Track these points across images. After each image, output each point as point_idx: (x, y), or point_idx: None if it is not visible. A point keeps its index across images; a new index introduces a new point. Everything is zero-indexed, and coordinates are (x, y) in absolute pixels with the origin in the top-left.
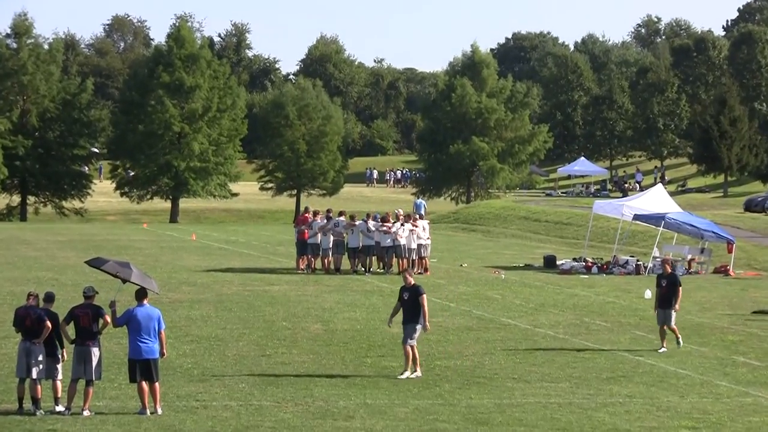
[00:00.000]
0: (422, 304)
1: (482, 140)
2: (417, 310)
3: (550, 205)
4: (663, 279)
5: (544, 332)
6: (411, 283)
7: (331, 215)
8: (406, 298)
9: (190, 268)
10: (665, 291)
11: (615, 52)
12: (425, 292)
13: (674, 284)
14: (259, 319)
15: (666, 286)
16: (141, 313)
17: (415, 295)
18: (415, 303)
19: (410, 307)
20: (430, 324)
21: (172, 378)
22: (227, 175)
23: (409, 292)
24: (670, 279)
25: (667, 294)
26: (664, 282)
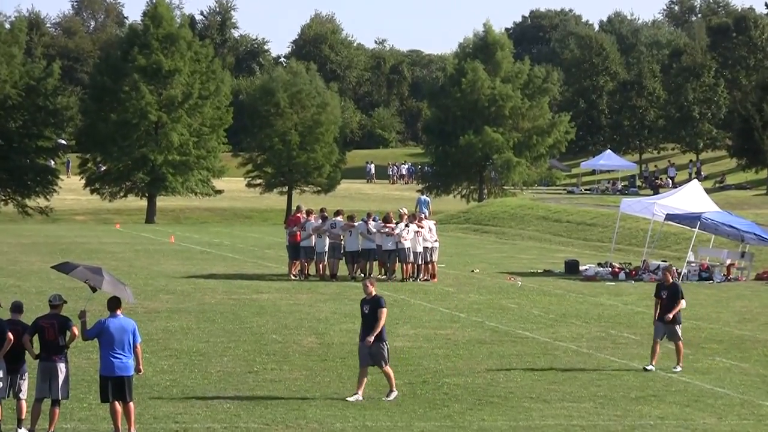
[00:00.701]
0: (378, 318)
1: (496, 131)
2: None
3: (572, 204)
4: (663, 290)
5: (565, 346)
6: (372, 294)
7: (326, 215)
8: (366, 312)
9: (169, 274)
10: (666, 303)
11: (645, 32)
12: (386, 306)
13: (676, 296)
14: (245, 331)
15: (667, 298)
16: (114, 324)
17: (375, 306)
18: (375, 316)
19: (370, 322)
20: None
21: (149, 397)
22: (210, 170)
23: (369, 305)
24: (671, 290)
25: (669, 307)
26: (664, 293)
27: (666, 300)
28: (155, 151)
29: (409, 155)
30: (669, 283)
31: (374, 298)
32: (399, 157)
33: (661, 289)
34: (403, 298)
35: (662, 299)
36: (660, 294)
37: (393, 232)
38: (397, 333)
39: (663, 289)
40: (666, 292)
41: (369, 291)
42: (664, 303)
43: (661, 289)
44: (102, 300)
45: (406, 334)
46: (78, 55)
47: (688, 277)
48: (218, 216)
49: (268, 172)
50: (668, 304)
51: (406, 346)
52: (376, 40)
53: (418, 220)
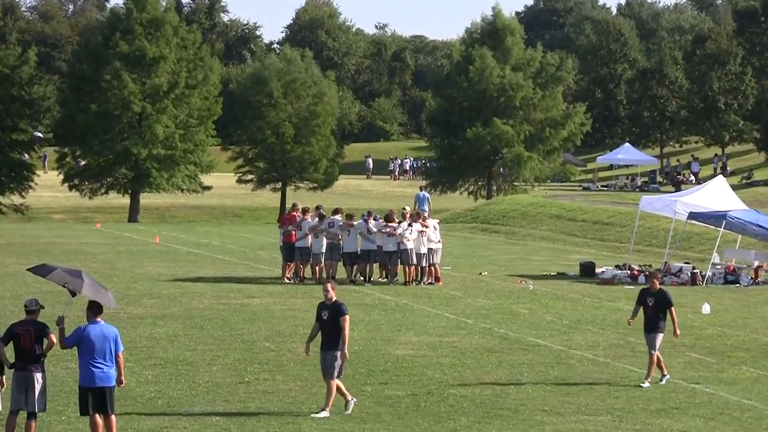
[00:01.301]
0: (342, 327)
1: (506, 123)
2: (338, 334)
3: (587, 201)
4: (649, 297)
5: (580, 354)
6: (332, 299)
7: (323, 213)
8: (325, 318)
9: (154, 277)
10: (652, 312)
11: (666, 16)
12: (348, 313)
13: (664, 303)
14: (236, 338)
15: (653, 306)
16: (94, 331)
17: (335, 314)
18: (335, 325)
19: (330, 330)
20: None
21: (132, 410)
22: (198, 165)
23: (329, 311)
24: (658, 297)
25: (655, 315)
26: (650, 300)
27: (652, 308)
28: (139, 145)
29: (411, 149)
30: (656, 290)
31: (335, 305)
32: (401, 151)
33: (647, 295)
34: (406, 303)
35: (647, 307)
36: (645, 301)
37: (395, 232)
38: (400, 340)
39: (649, 296)
40: (652, 299)
41: (329, 296)
42: (650, 312)
43: (646, 296)
44: (81, 305)
45: (409, 341)
46: (55, 41)
47: (712, 280)
48: (206, 214)
49: (261, 167)
50: (655, 313)
51: (409, 354)
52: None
53: (422, 219)
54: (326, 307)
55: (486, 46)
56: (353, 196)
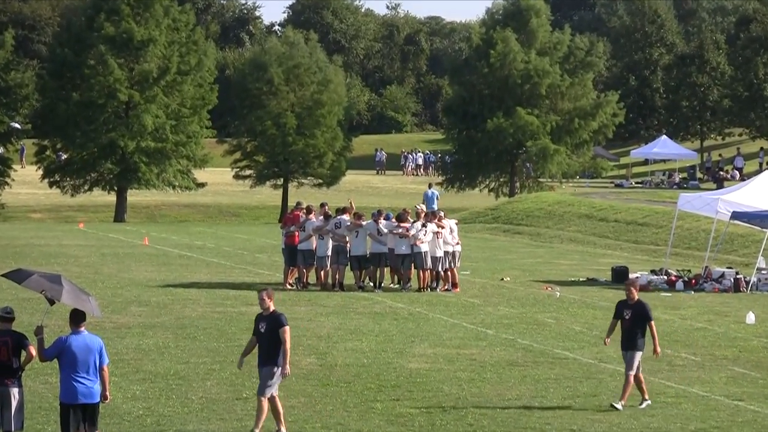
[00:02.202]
0: (283, 340)
1: (530, 113)
2: (277, 348)
3: (620, 200)
4: (626, 309)
5: (612, 368)
6: (270, 310)
7: (329, 212)
8: (262, 331)
9: (142, 282)
10: (629, 326)
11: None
12: (287, 324)
13: (642, 317)
14: (233, 350)
15: (630, 320)
16: (77, 342)
17: (274, 326)
18: (273, 337)
19: (268, 343)
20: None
21: (118, 428)
22: (191, 159)
23: (266, 322)
24: (635, 309)
25: (632, 331)
26: (627, 313)
27: (629, 322)
28: (126, 137)
29: (426, 142)
30: (633, 301)
31: (273, 315)
32: (415, 144)
33: (624, 307)
34: (420, 312)
35: (624, 321)
36: (622, 314)
37: (408, 233)
38: (413, 353)
39: (626, 308)
40: (629, 312)
41: (266, 305)
42: (627, 326)
43: (623, 308)
44: (62, 314)
45: (424, 353)
46: (34, 22)
47: (758, 286)
48: (200, 214)
49: (260, 162)
50: (633, 327)
51: (424, 368)
52: (388, 6)
53: (438, 219)
54: (263, 319)
55: (509, 29)
56: (362, 194)
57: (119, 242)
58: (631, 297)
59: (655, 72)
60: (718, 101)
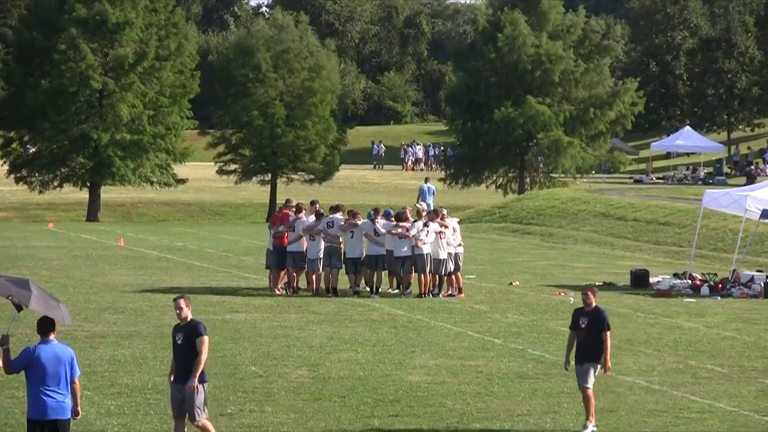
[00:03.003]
0: (199, 351)
1: (542, 102)
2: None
3: (640, 197)
4: (582, 317)
5: (631, 381)
6: (187, 319)
7: (321, 211)
8: (179, 342)
9: (117, 287)
10: (585, 336)
11: None
12: (206, 334)
13: (600, 325)
14: (216, 362)
15: (587, 329)
16: (46, 353)
17: (191, 336)
18: (192, 349)
19: (186, 357)
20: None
21: None
22: (170, 153)
23: (183, 333)
24: (592, 317)
25: (588, 341)
26: (583, 321)
27: (585, 332)
28: (99, 128)
29: (428, 134)
30: (591, 308)
31: (190, 324)
32: (416, 136)
33: (580, 316)
34: (421, 319)
35: (580, 330)
36: (578, 323)
37: (408, 233)
38: (414, 364)
39: (581, 316)
40: (585, 320)
41: (183, 314)
42: (583, 336)
43: (579, 317)
44: (30, 321)
45: (425, 365)
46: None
47: None
48: (181, 212)
49: (246, 156)
50: (588, 338)
51: (425, 381)
52: None
53: (441, 218)
54: (180, 329)
55: (518, 10)
56: (357, 190)
57: (92, 243)
58: (588, 303)
59: (678, 57)
60: (746, 89)
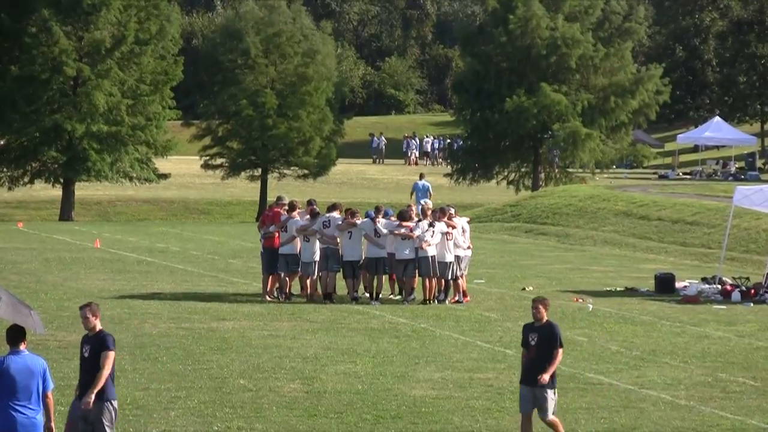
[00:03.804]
0: (102, 365)
1: (558, 90)
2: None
3: (665, 194)
4: (532, 332)
5: (655, 396)
6: (95, 329)
7: (317, 209)
8: (86, 356)
9: (93, 292)
10: (535, 355)
11: None
12: (113, 348)
13: (552, 342)
14: (202, 374)
15: (537, 346)
16: (16, 365)
17: (98, 348)
18: (97, 362)
19: (90, 369)
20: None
21: None
22: (151, 146)
23: (90, 345)
24: (543, 333)
25: (539, 360)
26: (533, 338)
27: (535, 350)
28: (73, 119)
29: (433, 125)
30: (542, 323)
31: (98, 336)
32: (420, 128)
33: (530, 331)
34: (425, 328)
35: (530, 348)
36: (528, 339)
37: (412, 233)
38: (417, 377)
39: (531, 332)
40: (536, 336)
41: (90, 324)
42: (533, 355)
43: (528, 333)
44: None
45: (430, 378)
46: None
47: None
48: (163, 211)
49: (234, 149)
50: (539, 356)
51: (430, 395)
52: None
53: (448, 217)
54: (88, 341)
55: None
56: (356, 187)
57: (66, 245)
58: (538, 318)
59: (707, 41)
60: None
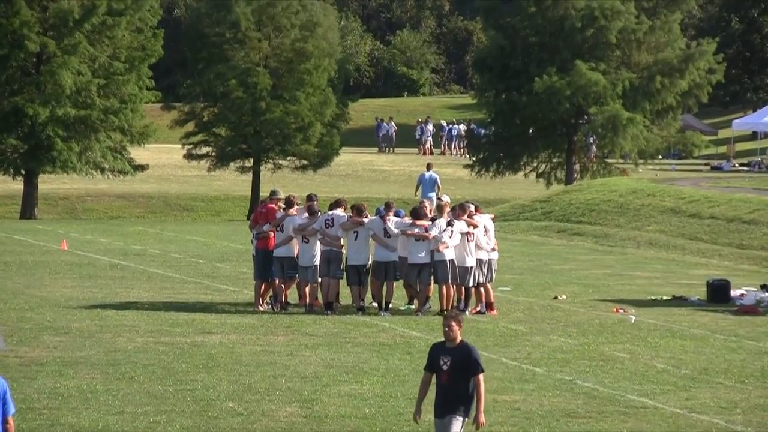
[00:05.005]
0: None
1: (595, 68)
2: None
3: (719, 188)
4: (444, 355)
5: (707, 421)
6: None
7: (316, 206)
8: None
9: (59, 301)
10: (448, 380)
11: None
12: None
13: (467, 366)
14: (184, 396)
15: (449, 372)
16: None
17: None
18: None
19: None
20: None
21: None
22: (126, 133)
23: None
24: (457, 356)
25: (453, 385)
26: (445, 361)
27: (448, 375)
28: (36, 102)
29: (451, 108)
30: (456, 343)
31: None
32: (435, 112)
33: (440, 354)
34: None
35: (441, 373)
36: (438, 361)
37: (427, 234)
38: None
39: (443, 354)
40: (448, 359)
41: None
42: (444, 380)
43: (439, 355)
44: None
45: None
46: None
47: None
48: (140, 207)
49: (222, 136)
50: (452, 383)
51: None
52: None
53: (469, 215)
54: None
55: None
56: (362, 180)
57: (28, 246)
58: (450, 337)
59: (766, 14)
60: None
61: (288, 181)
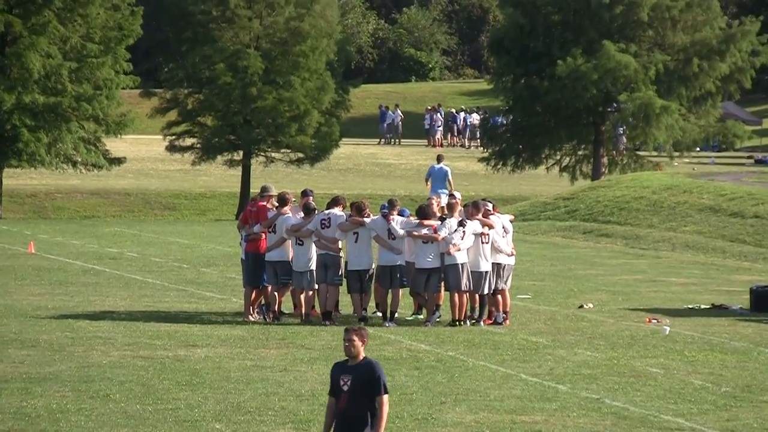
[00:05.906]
0: None
1: (625, 50)
2: None
3: (763, 184)
4: (344, 375)
5: None
6: None
7: (313, 204)
8: None
9: (26, 311)
10: (348, 402)
11: None
12: None
13: (369, 386)
14: (166, 416)
15: (350, 393)
16: None
17: None
18: None
19: None
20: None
21: None
22: (101, 122)
23: None
24: (357, 375)
25: (353, 408)
26: (345, 381)
27: (348, 396)
28: (0, 88)
29: (464, 94)
30: (358, 361)
31: None
32: (446, 99)
33: (340, 373)
34: (455, 357)
35: (341, 395)
36: (338, 382)
37: (436, 235)
38: (444, 419)
39: (343, 374)
40: (348, 379)
41: None
42: (344, 403)
43: (339, 375)
44: None
45: (461, 421)
46: None
47: None
48: (116, 206)
49: (208, 126)
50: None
51: None
52: None
53: (484, 214)
54: None
55: None
56: (364, 175)
57: None
58: (352, 353)
59: None
60: None
61: (281, 177)
